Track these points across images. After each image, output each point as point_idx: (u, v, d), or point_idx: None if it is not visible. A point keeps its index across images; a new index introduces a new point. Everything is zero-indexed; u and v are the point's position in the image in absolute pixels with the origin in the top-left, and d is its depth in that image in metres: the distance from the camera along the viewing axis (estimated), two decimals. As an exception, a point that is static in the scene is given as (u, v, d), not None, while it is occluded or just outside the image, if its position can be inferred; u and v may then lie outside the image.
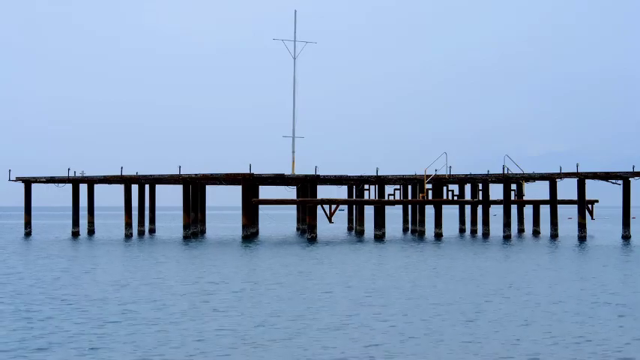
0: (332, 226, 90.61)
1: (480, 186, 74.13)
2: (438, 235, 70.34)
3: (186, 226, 71.30)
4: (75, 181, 75.49)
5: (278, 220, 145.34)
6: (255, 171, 67.41)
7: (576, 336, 20.21)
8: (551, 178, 69.63)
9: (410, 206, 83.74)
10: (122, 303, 26.35)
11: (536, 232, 76.06)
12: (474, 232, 76.31)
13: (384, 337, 20.08)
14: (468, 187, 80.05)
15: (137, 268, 40.01)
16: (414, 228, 78.62)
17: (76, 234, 76.12)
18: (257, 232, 73.69)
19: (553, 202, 70.74)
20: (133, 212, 75.12)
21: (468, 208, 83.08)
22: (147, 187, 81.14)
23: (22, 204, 77.07)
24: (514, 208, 79.75)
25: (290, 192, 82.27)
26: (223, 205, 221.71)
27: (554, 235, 70.02)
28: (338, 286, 31.19)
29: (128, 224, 74.32)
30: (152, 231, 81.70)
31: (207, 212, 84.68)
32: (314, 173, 70.30)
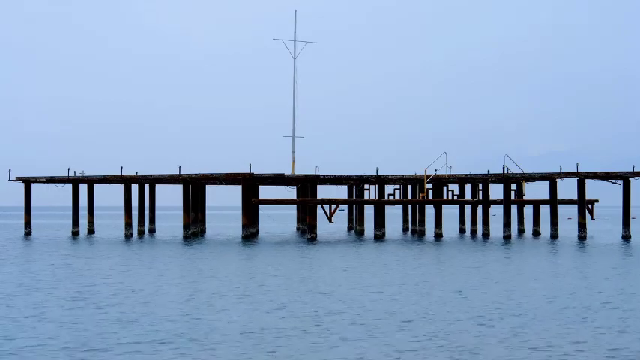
0: (332, 226, 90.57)
1: (480, 186, 74.09)
2: (438, 235, 70.31)
3: (186, 226, 71.29)
4: (75, 181, 75.47)
5: (278, 220, 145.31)
6: (255, 171, 67.47)
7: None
8: (551, 178, 69.61)
9: (410, 206, 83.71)
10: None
11: (536, 232, 76.01)
12: (473, 232, 76.28)
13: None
14: (468, 187, 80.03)
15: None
16: (414, 228, 78.58)
17: (76, 234, 76.13)
18: (257, 232, 73.65)
19: (553, 202, 70.71)
20: (133, 212, 75.11)
21: (468, 208, 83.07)
22: (147, 187, 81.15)
23: (22, 204, 77.09)
24: (514, 208, 79.70)
25: (290, 192, 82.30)
26: (223, 205, 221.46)
27: (554, 235, 69.99)
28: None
29: (128, 224, 74.29)
30: (152, 231, 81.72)
31: (207, 212, 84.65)
32: (314, 173, 70.29)
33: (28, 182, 75.85)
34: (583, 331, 21.13)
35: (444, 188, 72.35)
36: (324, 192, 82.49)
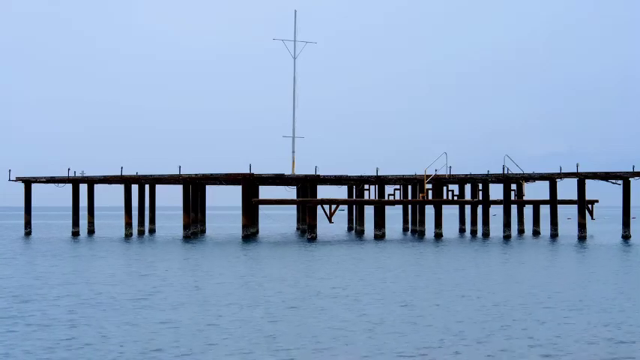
0: (332, 226, 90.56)
1: (480, 186, 74.09)
2: (438, 235, 70.28)
3: (186, 226, 71.28)
4: (75, 181, 75.46)
5: (278, 220, 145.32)
6: (255, 171, 67.46)
7: None
8: (551, 178, 69.61)
9: (410, 206, 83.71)
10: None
11: (536, 232, 76.00)
12: (473, 232, 76.22)
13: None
14: (468, 187, 80.00)
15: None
16: (414, 228, 78.58)
17: (76, 234, 76.14)
18: (257, 232, 73.69)
19: (553, 202, 70.71)
20: (133, 212, 75.10)
21: (468, 208, 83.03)
22: (147, 187, 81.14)
23: (22, 204, 77.07)
24: (514, 208, 79.69)
25: (290, 192, 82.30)
26: (223, 205, 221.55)
27: (554, 235, 69.99)
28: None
29: (128, 224, 74.30)
30: (152, 231, 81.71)
31: (207, 212, 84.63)
32: (314, 173, 70.30)
33: (28, 182, 75.83)
34: None
35: (444, 188, 72.33)
36: (324, 192, 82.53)
